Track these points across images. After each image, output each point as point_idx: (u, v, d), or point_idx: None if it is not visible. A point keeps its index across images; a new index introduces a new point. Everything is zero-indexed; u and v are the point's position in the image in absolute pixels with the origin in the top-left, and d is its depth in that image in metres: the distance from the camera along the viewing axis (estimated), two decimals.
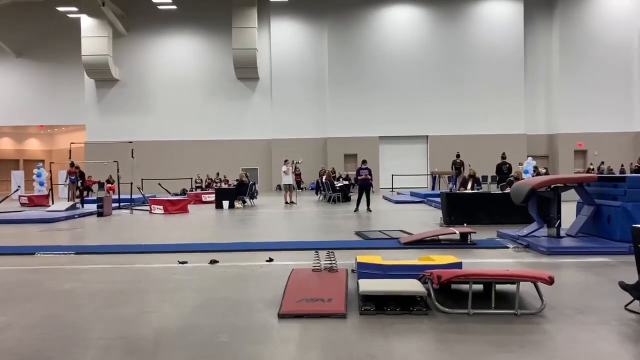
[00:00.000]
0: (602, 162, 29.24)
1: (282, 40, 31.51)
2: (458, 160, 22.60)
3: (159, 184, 25.25)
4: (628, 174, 18.38)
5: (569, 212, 10.00)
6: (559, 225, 9.23)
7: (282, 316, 4.99)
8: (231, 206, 18.68)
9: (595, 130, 30.60)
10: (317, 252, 6.91)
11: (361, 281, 5.52)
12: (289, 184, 20.31)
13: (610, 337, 4.40)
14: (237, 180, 20.52)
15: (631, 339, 4.37)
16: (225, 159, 30.97)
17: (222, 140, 31.69)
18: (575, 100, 30.59)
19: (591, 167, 28.37)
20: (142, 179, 25.96)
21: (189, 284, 6.65)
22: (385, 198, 22.60)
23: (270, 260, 8.01)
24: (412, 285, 5.28)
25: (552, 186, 9.31)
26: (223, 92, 31.93)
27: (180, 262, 7.91)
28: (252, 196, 20.36)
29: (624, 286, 4.99)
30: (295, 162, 23.12)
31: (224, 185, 24.92)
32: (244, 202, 19.46)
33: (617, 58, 30.81)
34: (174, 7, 31.07)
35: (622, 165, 28.71)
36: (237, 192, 19.46)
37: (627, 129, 30.82)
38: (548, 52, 31.58)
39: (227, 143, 31.67)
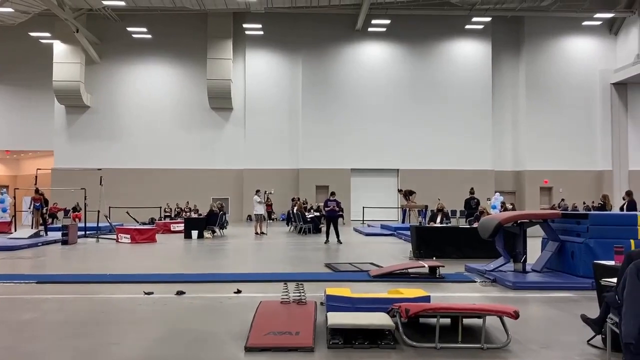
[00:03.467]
0: (563, 200, 30.03)
1: (257, 71, 31.79)
2: (403, 191, 25.62)
3: (127, 212, 24.83)
4: (591, 212, 18.88)
5: (535, 248, 10.20)
6: (525, 260, 9.39)
7: (248, 349, 4.92)
8: (200, 236, 18.43)
9: (560, 168, 31.48)
10: (285, 284, 6.86)
11: (330, 314, 5.49)
12: (260, 214, 20.19)
13: None
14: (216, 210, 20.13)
15: None
16: (196, 188, 30.67)
17: (193, 169, 31.45)
18: (541, 139, 31.51)
19: (560, 204, 29.02)
20: (109, 207, 25.47)
21: (154, 315, 6.52)
22: (356, 230, 22.66)
23: (239, 291, 7.91)
24: (380, 319, 5.28)
25: (519, 222, 9.51)
26: (196, 121, 31.86)
27: (145, 293, 7.75)
28: (222, 226, 20.17)
29: (586, 319, 5.08)
30: (267, 192, 23.05)
31: (193, 215, 24.62)
32: (213, 232, 19.24)
33: (580, 98, 32.02)
34: (149, 36, 31.15)
35: (585, 203, 29.49)
36: (207, 222, 19.24)
37: (590, 168, 31.79)
38: (515, 91, 32.63)
39: (198, 172, 31.44)
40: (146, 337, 5.45)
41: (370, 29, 31.00)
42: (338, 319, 5.27)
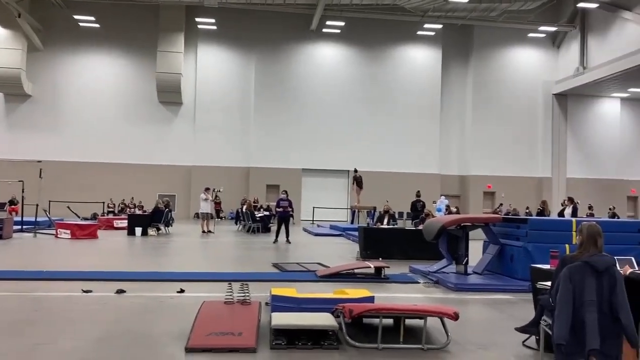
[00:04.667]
0: (501, 204, 30.97)
1: (209, 67, 31.27)
2: (357, 175, 23.70)
3: (68, 207, 23.89)
4: (530, 217, 19.61)
5: (476, 250, 10.49)
6: (467, 262, 9.65)
7: (189, 350, 4.83)
8: (144, 233, 17.96)
9: (504, 174, 32.58)
10: (230, 283, 6.78)
11: (274, 314, 5.46)
12: (207, 213, 19.87)
13: None
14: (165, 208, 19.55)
15: None
16: (142, 184, 29.84)
17: (139, 164, 30.59)
18: (485, 145, 32.51)
19: (498, 209, 29.96)
20: (49, 201, 24.45)
21: (91, 314, 6.30)
22: (305, 230, 22.69)
23: (181, 291, 7.76)
24: (324, 319, 5.29)
25: (462, 225, 9.76)
26: (143, 115, 31.02)
27: (84, 291, 7.48)
28: (168, 224, 19.70)
29: (520, 329, 5.25)
30: (216, 190, 22.72)
31: (137, 211, 23.95)
32: (158, 229, 18.79)
33: (523, 107, 33.21)
34: (97, 25, 30.09)
35: (528, 208, 30.56)
36: (152, 219, 18.77)
37: (531, 174, 33.06)
38: (462, 98, 33.51)
39: (144, 167, 30.62)
40: (83, 337, 5.26)
41: (324, 30, 31.10)
42: (282, 319, 5.25)
